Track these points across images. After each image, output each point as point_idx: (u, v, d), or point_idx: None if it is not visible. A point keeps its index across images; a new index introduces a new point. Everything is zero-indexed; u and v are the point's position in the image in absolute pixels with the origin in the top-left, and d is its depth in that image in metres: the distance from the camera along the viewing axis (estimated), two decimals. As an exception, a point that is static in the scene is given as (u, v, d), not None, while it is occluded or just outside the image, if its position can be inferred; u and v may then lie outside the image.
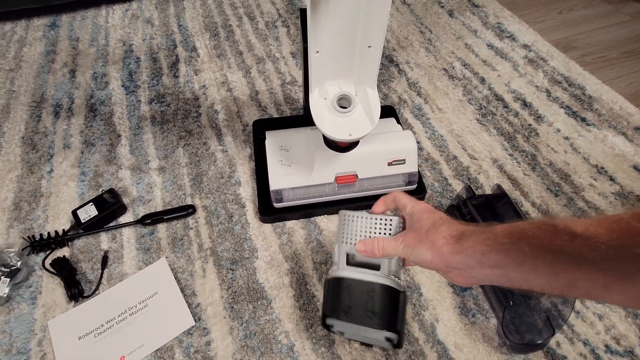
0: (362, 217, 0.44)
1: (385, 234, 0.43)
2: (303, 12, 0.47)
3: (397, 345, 0.41)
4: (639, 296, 0.25)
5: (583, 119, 0.79)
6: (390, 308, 0.41)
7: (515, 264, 0.30)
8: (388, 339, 0.41)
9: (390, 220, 0.43)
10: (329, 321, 0.43)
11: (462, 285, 0.39)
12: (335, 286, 0.43)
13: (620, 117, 0.79)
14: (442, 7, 1.04)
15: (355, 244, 0.43)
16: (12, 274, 0.57)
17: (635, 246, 0.24)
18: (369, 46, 0.49)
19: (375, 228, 0.43)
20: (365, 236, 0.43)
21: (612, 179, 0.70)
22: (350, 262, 0.44)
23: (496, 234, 0.32)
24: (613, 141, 0.75)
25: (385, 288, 0.41)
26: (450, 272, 0.37)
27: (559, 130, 0.77)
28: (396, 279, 0.42)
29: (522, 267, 0.30)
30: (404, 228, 0.42)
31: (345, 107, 0.54)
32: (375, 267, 0.43)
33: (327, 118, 0.53)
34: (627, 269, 0.24)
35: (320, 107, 0.54)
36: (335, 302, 0.43)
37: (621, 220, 0.25)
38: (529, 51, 0.92)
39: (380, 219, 0.43)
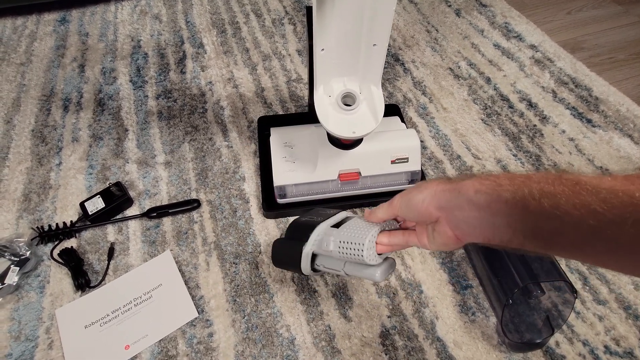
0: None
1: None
2: (309, 10, 0.47)
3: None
4: (620, 246, 0.24)
5: (589, 121, 0.78)
6: None
7: (506, 206, 0.29)
8: None
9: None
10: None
11: (449, 244, 0.35)
12: None
13: (626, 119, 0.78)
14: (450, 6, 1.03)
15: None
16: (21, 263, 0.59)
17: (637, 190, 0.23)
18: (374, 44, 0.50)
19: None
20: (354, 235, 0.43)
21: (616, 181, 0.70)
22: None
23: (497, 176, 0.31)
24: (619, 143, 0.75)
25: None
26: (438, 218, 0.34)
27: (564, 132, 0.77)
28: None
29: (512, 211, 0.28)
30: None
31: (350, 105, 0.54)
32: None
33: (331, 115, 0.54)
34: (621, 212, 0.23)
35: (325, 105, 0.54)
36: None
37: (630, 175, 0.25)
38: (536, 51, 0.91)
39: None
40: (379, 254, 0.41)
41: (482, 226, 0.31)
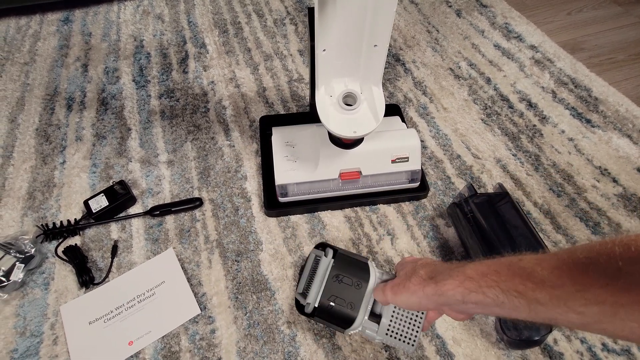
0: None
1: None
2: (311, 11, 0.48)
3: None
4: (617, 332, 0.26)
5: (588, 121, 0.79)
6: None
7: (494, 304, 0.32)
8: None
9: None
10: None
11: (458, 319, 0.41)
12: None
13: (625, 120, 0.79)
14: (450, 6, 1.04)
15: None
16: (26, 260, 0.60)
17: (598, 295, 0.26)
18: (375, 45, 0.50)
19: None
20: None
21: (615, 180, 0.70)
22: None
23: (471, 277, 0.34)
24: (618, 143, 0.75)
25: None
26: (442, 308, 0.40)
27: (563, 132, 0.78)
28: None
29: (502, 307, 0.32)
30: None
31: (351, 105, 0.55)
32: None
33: (332, 115, 0.55)
34: (602, 313, 0.26)
35: (326, 105, 0.55)
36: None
37: (576, 266, 0.28)
38: (536, 52, 0.92)
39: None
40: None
41: (485, 312, 0.35)
